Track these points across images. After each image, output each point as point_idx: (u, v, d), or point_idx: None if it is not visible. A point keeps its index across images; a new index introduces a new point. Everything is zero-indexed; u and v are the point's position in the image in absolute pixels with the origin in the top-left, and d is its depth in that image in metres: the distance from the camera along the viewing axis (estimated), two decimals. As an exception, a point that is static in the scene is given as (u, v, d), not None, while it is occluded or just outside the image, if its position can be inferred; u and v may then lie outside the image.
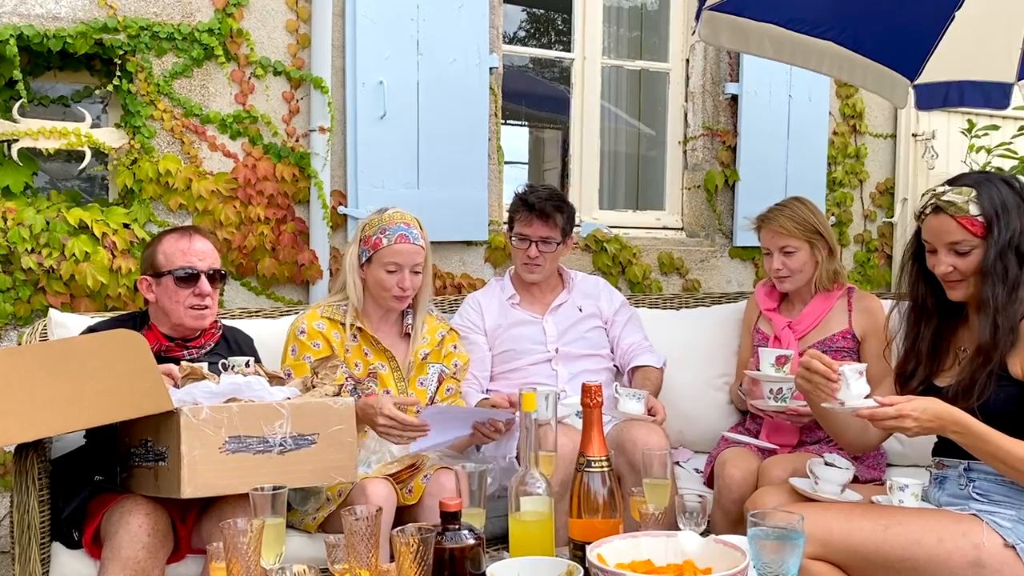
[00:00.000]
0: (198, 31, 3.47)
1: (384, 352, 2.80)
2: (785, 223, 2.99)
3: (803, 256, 3.00)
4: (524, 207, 3.12)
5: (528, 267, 3.16)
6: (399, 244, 2.72)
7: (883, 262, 4.96)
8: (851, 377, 2.07)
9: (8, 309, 3.22)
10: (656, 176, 4.76)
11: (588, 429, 1.93)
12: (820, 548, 2.06)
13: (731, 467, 2.76)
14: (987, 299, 2.12)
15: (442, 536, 1.70)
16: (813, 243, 3.00)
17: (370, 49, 3.70)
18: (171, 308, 2.58)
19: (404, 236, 2.73)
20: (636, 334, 3.23)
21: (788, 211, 3.01)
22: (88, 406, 2.13)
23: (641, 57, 4.73)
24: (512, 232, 3.18)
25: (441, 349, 2.90)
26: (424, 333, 2.87)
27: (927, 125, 4.95)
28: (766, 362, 2.76)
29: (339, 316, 2.78)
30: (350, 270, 2.78)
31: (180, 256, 2.58)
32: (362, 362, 2.77)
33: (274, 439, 2.22)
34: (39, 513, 2.37)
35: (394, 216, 2.78)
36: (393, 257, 2.72)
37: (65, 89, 3.49)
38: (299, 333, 2.75)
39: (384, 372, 2.79)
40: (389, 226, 2.74)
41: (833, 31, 3.20)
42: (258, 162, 3.59)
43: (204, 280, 2.58)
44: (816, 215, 3.03)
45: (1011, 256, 2.11)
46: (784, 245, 3.00)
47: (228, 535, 1.65)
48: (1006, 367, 2.11)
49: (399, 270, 2.73)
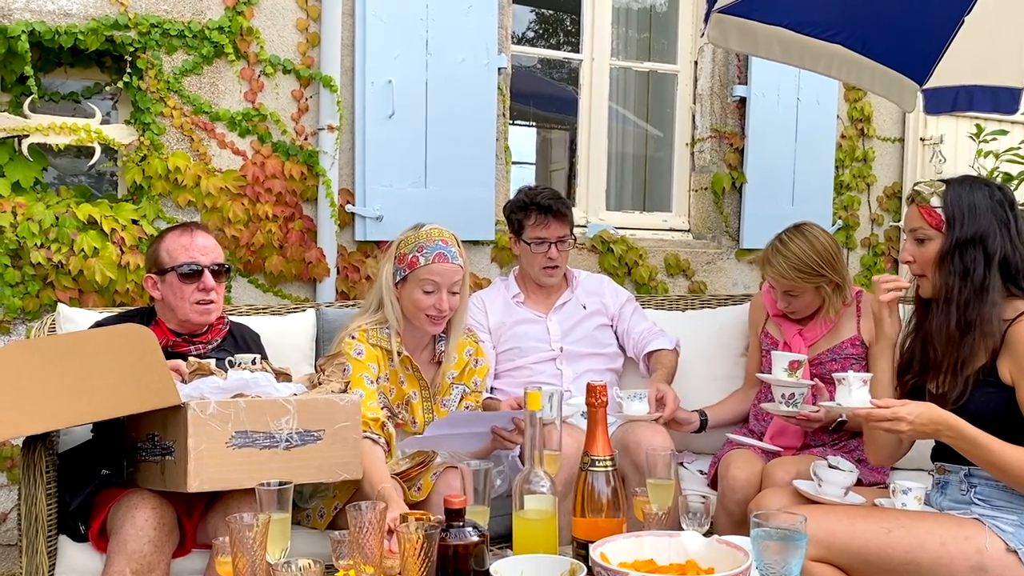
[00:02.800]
0: (208, 29, 3.49)
1: (419, 381, 2.70)
2: (786, 272, 2.86)
3: (808, 297, 2.93)
4: (537, 209, 3.09)
5: (548, 271, 3.15)
6: (437, 264, 2.58)
7: (890, 266, 4.95)
8: (855, 384, 2.10)
9: (17, 303, 3.24)
10: (663, 178, 4.77)
11: (593, 429, 1.93)
12: (823, 550, 2.07)
13: (735, 469, 2.76)
14: (943, 288, 2.19)
15: (447, 533, 1.71)
16: (817, 285, 2.91)
17: (379, 48, 3.71)
18: (177, 304, 2.59)
19: (443, 255, 2.59)
20: (644, 322, 3.25)
21: (789, 255, 2.86)
22: (96, 400, 2.14)
23: (649, 59, 4.74)
24: (522, 236, 3.14)
25: (466, 369, 2.80)
26: (452, 355, 2.74)
27: (935, 129, 4.94)
28: (779, 367, 2.74)
29: (383, 342, 2.64)
30: (386, 290, 2.64)
31: (183, 252, 2.59)
32: (396, 389, 2.67)
33: (280, 435, 2.23)
34: (46, 506, 2.39)
35: (431, 233, 2.63)
36: (430, 276, 2.57)
37: (76, 85, 3.51)
38: (356, 354, 2.59)
39: (415, 401, 2.70)
40: (427, 244, 2.60)
41: (842, 34, 3.20)
42: (267, 160, 3.61)
43: (208, 275, 2.60)
44: (819, 251, 2.86)
45: (975, 255, 2.15)
46: (787, 289, 2.93)
47: (234, 530, 1.66)
48: (995, 372, 2.13)
49: (437, 290, 2.58)
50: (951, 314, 2.16)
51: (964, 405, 2.13)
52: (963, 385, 2.14)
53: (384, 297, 2.64)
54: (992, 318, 2.13)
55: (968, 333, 2.14)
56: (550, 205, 3.09)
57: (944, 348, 2.18)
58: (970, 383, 2.14)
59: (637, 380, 3.22)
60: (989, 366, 2.14)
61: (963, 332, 2.15)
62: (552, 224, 3.09)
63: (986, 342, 2.13)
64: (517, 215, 3.16)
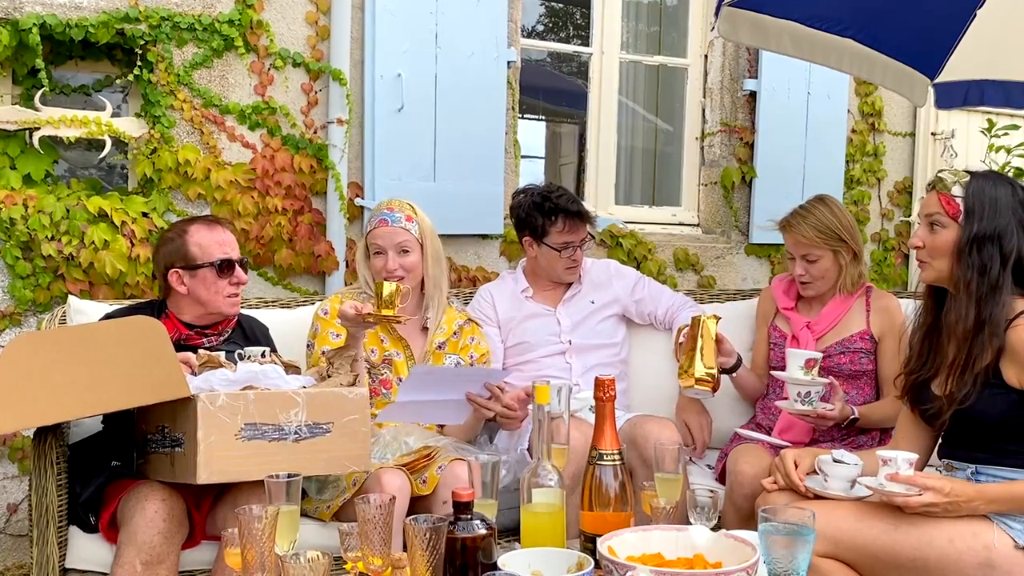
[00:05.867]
0: (219, 22, 3.49)
1: (400, 340, 2.84)
2: (807, 232, 2.94)
3: (826, 263, 2.98)
4: (565, 215, 3.08)
5: (572, 270, 3.19)
6: (379, 228, 2.83)
7: (900, 261, 4.94)
8: (902, 466, 2.07)
9: (28, 295, 3.25)
10: (673, 172, 4.75)
11: (601, 423, 1.94)
12: (830, 546, 2.07)
13: (743, 463, 2.76)
14: (960, 280, 2.16)
15: (454, 526, 1.71)
16: (837, 250, 2.96)
17: (389, 42, 3.71)
18: (209, 298, 2.62)
19: (383, 220, 2.83)
20: (663, 296, 3.31)
21: (812, 218, 2.95)
22: (106, 391, 2.16)
23: (660, 53, 4.72)
24: (544, 240, 3.11)
25: (458, 340, 2.91)
26: (442, 323, 2.89)
27: (946, 124, 4.92)
28: (794, 364, 2.73)
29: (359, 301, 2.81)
30: (360, 264, 2.92)
31: (217, 248, 2.63)
32: (378, 348, 2.82)
33: (289, 427, 2.24)
34: (57, 497, 2.40)
35: (382, 204, 2.91)
36: (374, 240, 2.83)
37: (86, 78, 3.52)
38: (321, 312, 2.84)
39: (399, 360, 2.82)
40: (376, 213, 2.88)
41: (853, 29, 3.18)
42: (276, 153, 3.61)
43: (239, 268, 2.67)
44: (840, 218, 2.97)
45: (992, 251, 2.14)
46: (807, 253, 2.97)
47: (243, 521, 1.67)
48: (1000, 375, 2.12)
49: (383, 252, 2.80)
50: (970, 308, 2.14)
51: (971, 405, 2.13)
52: (970, 385, 2.13)
53: (360, 272, 2.92)
54: (1001, 319, 2.12)
55: (982, 331, 2.13)
56: (577, 210, 3.12)
57: (960, 343, 2.16)
58: (977, 383, 2.13)
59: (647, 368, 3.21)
60: (993, 366, 2.13)
61: (978, 328, 2.13)
62: (579, 228, 3.12)
63: (993, 342, 2.12)
64: (538, 219, 3.11)
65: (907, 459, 2.08)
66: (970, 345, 2.14)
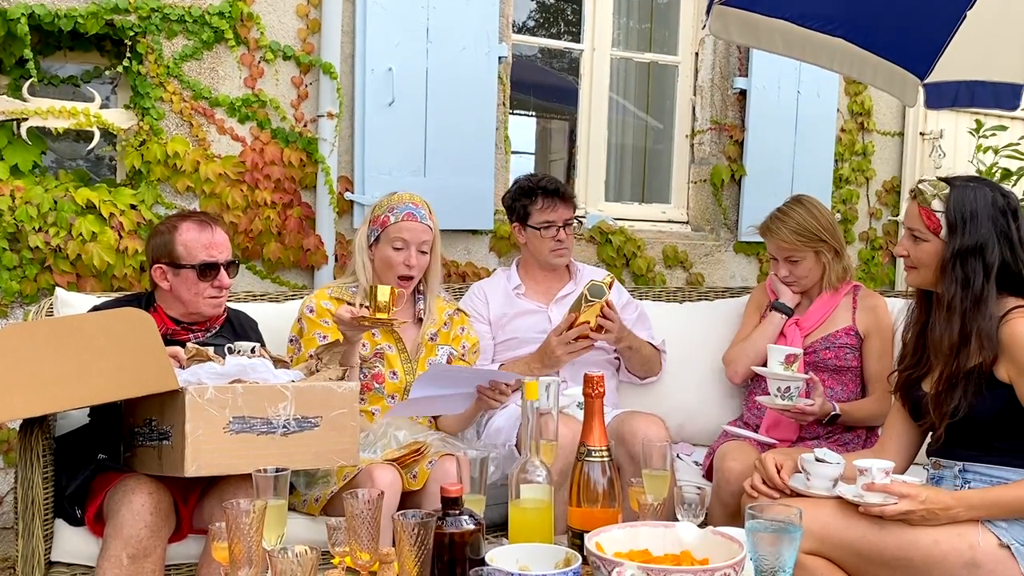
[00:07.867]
0: (209, 14, 3.47)
1: (392, 333, 2.83)
2: (787, 236, 2.96)
3: (809, 263, 3.00)
4: (544, 193, 3.12)
5: (558, 252, 3.17)
6: (406, 221, 2.77)
7: (887, 260, 4.96)
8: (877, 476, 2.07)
9: (14, 287, 3.23)
10: (662, 169, 4.76)
11: (589, 419, 1.94)
12: (816, 543, 2.07)
13: (730, 460, 2.77)
14: (944, 297, 2.18)
15: (443, 521, 1.71)
16: (818, 250, 2.99)
17: (380, 36, 3.70)
18: (189, 299, 2.60)
19: (411, 214, 2.78)
20: (642, 332, 3.21)
21: (790, 221, 2.97)
22: (94, 383, 2.15)
23: (650, 50, 4.73)
24: (528, 222, 3.15)
25: (449, 331, 2.92)
26: (432, 314, 2.90)
27: (935, 124, 4.94)
28: (775, 360, 2.76)
29: (347, 296, 2.80)
30: (359, 251, 2.83)
31: (202, 250, 2.59)
32: (369, 342, 2.79)
33: (278, 421, 2.24)
34: (43, 490, 2.39)
35: (403, 197, 2.83)
36: (399, 233, 2.76)
37: (75, 69, 3.50)
38: (307, 311, 2.79)
39: (391, 353, 2.82)
40: (398, 205, 2.80)
41: (844, 28, 3.19)
42: (266, 146, 3.60)
43: (223, 273, 2.62)
44: (819, 218, 2.98)
45: (975, 264, 2.15)
46: (788, 255, 3.00)
47: (231, 515, 1.67)
48: (992, 373, 2.13)
49: (406, 247, 2.76)
50: (954, 323, 2.15)
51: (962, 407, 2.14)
52: (961, 389, 2.15)
53: (357, 258, 2.83)
54: (990, 331, 2.13)
55: (968, 344, 2.14)
56: (556, 188, 3.14)
57: (946, 357, 2.18)
58: (967, 385, 2.14)
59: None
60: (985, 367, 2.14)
61: (963, 342, 2.15)
62: (559, 207, 3.13)
63: (983, 353, 2.13)
64: (521, 201, 3.17)
65: (882, 468, 2.09)
66: (957, 357, 2.15)
